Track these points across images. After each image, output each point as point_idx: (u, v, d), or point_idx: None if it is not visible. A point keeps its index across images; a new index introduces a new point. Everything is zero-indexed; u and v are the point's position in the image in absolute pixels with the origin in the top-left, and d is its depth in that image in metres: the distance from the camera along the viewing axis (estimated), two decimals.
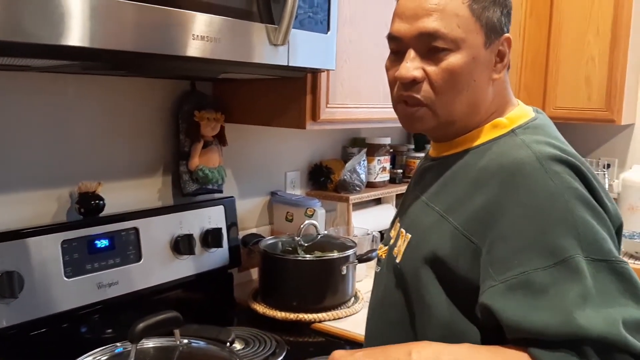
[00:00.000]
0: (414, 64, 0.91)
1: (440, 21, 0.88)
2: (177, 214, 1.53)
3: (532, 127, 0.93)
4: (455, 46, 0.89)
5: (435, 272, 0.89)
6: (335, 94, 1.54)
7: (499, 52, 0.94)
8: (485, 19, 0.90)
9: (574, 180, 0.83)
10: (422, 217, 0.96)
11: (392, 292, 0.99)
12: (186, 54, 1.05)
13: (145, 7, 0.97)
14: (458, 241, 0.87)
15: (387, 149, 2.16)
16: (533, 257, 0.78)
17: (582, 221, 0.79)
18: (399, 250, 0.98)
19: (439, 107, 0.92)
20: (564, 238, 0.78)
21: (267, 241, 1.69)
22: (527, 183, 0.82)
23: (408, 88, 0.92)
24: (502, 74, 0.95)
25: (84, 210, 1.36)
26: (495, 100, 0.96)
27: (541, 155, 0.85)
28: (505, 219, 0.82)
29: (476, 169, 0.90)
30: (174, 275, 1.51)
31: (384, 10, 1.65)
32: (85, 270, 1.33)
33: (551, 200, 0.80)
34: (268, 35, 1.20)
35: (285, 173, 1.98)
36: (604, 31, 2.40)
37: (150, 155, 1.57)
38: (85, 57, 1.02)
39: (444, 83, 0.90)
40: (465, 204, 0.88)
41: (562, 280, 0.76)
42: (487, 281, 0.81)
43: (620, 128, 2.74)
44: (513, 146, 0.89)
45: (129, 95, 1.50)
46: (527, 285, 0.77)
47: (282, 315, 1.54)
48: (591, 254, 0.78)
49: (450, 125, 0.95)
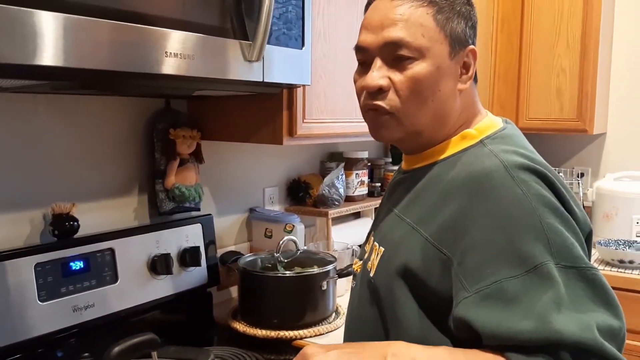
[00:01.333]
0: (380, 72, 0.92)
1: (405, 30, 0.90)
2: (153, 233, 1.51)
3: (500, 137, 0.95)
4: (420, 55, 0.90)
5: (408, 285, 0.89)
6: (311, 109, 1.54)
7: (464, 63, 0.95)
8: (450, 30, 0.92)
9: (541, 187, 0.84)
10: (394, 229, 0.97)
11: (366, 307, 0.99)
12: (160, 72, 1.04)
13: (117, 25, 0.97)
14: (428, 252, 0.87)
15: (365, 163, 2.16)
16: (504, 266, 0.79)
17: (550, 228, 0.80)
18: (372, 264, 0.98)
19: (404, 116, 0.93)
20: (533, 245, 0.79)
21: (246, 258, 1.68)
22: (495, 191, 0.83)
23: (374, 97, 0.93)
24: (467, 84, 0.96)
25: (57, 232, 1.33)
26: (463, 112, 0.97)
27: (509, 163, 0.86)
28: (475, 228, 0.82)
29: (445, 180, 0.91)
30: (151, 295, 1.48)
31: (355, 25, 1.67)
32: (60, 293, 1.30)
33: (520, 208, 0.81)
34: (242, 51, 1.20)
35: (264, 189, 1.97)
36: (573, 43, 2.45)
37: (126, 174, 1.55)
38: (56, 77, 1.01)
39: (409, 92, 0.91)
40: (435, 215, 0.89)
41: (535, 287, 0.77)
42: (461, 292, 0.81)
43: (592, 137, 2.79)
44: (481, 156, 0.90)
45: (102, 114, 1.48)
46: (500, 294, 0.77)
47: (262, 333, 1.52)
48: (561, 260, 0.78)
49: (417, 135, 0.96)
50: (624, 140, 2.75)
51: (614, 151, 2.78)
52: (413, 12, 0.90)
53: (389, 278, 0.92)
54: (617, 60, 2.72)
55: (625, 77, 2.71)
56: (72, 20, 0.91)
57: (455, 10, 0.93)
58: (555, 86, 2.51)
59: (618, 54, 2.72)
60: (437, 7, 0.91)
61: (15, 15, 0.84)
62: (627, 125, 2.73)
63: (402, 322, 0.89)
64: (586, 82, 2.44)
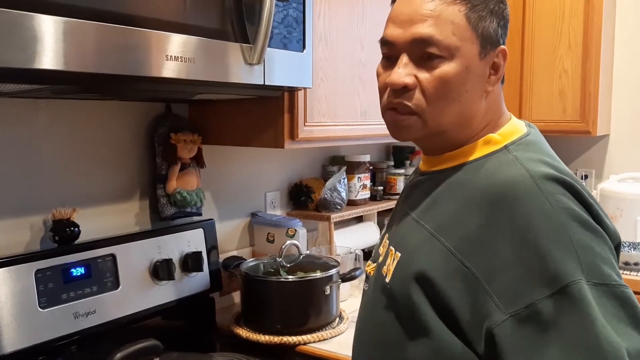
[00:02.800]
0: (406, 70, 0.88)
1: (435, 27, 0.86)
2: (155, 238, 1.50)
3: (525, 143, 0.91)
4: (449, 54, 0.87)
5: (424, 292, 0.86)
6: (312, 112, 1.53)
7: (494, 64, 0.92)
8: (482, 29, 0.88)
9: (569, 200, 0.80)
10: (411, 235, 0.93)
11: (380, 312, 0.95)
12: (161, 75, 1.04)
13: (118, 29, 0.96)
14: (450, 263, 0.83)
15: (367, 166, 2.15)
16: (536, 285, 0.76)
17: (580, 244, 0.77)
18: (387, 269, 0.95)
19: (429, 117, 0.89)
20: (564, 262, 0.76)
21: (249, 263, 1.66)
22: (522, 204, 0.80)
23: (399, 95, 0.89)
24: (495, 86, 0.93)
25: (58, 238, 1.32)
26: (488, 113, 0.94)
27: (535, 174, 0.82)
28: (503, 245, 0.79)
29: (468, 186, 0.87)
30: (153, 302, 1.47)
31: (356, 29, 1.67)
32: (61, 300, 1.28)
33: (548, 223, 0.78)
34: (243, 54, 1.19)
35: (265, 194, 1.96)
36: (575, 45, 2.44)
37: (127, 179, 1.54)
38: (57, 81, 1.01)
39: (436, 92, 0.88)
40: (458, 224, 0.85)
41: (568, 308, 0.74)
42: (495, 314, 0.77)
43: (595, 139, 2.78)
44: (505, 163, 0.87)
45: (103, 119, 1.47)
46: (535, 318, 0.75)
47: (266, 338, 1.51)
48: (592, 277, 0.75)
49: (439, 135, 0.92)
50: (628, 141, 2.73)
51: (618, 153, 2.76)
52: (445, 8, 0.87)
53: (406, 285, 0.88)
54: (619, 61, 2.71)
55: (628, 77, 2.70)
56: (72, 23, 0.90)
57: (489, 8, 0.89)
58: (558, 88, 2.50)
59: (620, 55, 2.71)
60: (470, 5, 0.87)
61: (15, 19, 0.84)
62: (630, 126, 2.72)
63: (428, 330, 0.85)
64: (589, 83, 2.43)
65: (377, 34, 1.80)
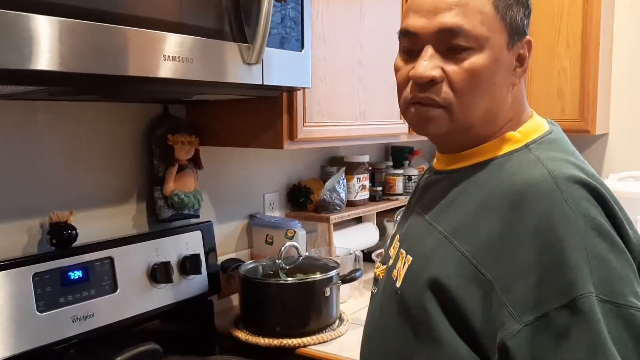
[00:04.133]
0: (432, 62, 0.83)
1: (463, 17, 0.81)
2: (153, 241, 1.49)
3: (547, 141, 0.87)
4: (478, 45, 0.82)
5: (437, 300, 0.82)
6: (312, 112, 1.52)
7: (519, 55, 0.88)
8: (509, 18, 0.84)
9: (592, 206, 0.76)
10: (424, 238, 0.89)
11: (391, 318, 0.91)
12: (158, 75, 1.03)
13: (115, 29, 0.96)
14: (465, 269, 0.79)
15: (366, 167, 2.14)
16: (550, 295, 0.73)
17: (595, 255, 0.73)
18: (398, 273, 0.91)
19: (458, 111, 0.84)
20: (577, 271, 0.72)
21: (247, 266, 1.65)
22: (542, 207, 0.76)
23: (424, 89, 0.84)
24: (521, 79, 0.89)
25: (55, 241, 1.31)
26: (511, 108, 0.89)
27: (558, 175, 0.78)
28: (521, 250, 0.75)
29: (486, 187, 0.84)
30: (151, 305, 1.46)
31: (355, 29, 1.67)
32: (59, 303, 1.27)
33: (567, 227, 0.74)
34: (241, 54, 1.18)
35: (264, 195, 1.95)
36: (574, 43, 2.43)
37: (124, 181, 1.52)
38: (53, 82, 1.00)
39: (465, 85, 0.83)
40: (474, 228, 0.81)
41: (577, 323, 0.71)
42: (509, 323, 0.74)
43: (594, 138, 2.77)
44: (527, 163, 0.83)
45: (100, 121, 1.46)
46: (549, 329, 0.72)
47: (265, 341, 1.49)
48: (600, 292, 0.71)
49: (465, 131, 0.88)
50: (627, 140, 2.73)
51: (617, 151, 2.76)
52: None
53: (418, 291, 0.84)
54: (618, 60, 2.71)
55: (627, 76, 2.70)
56: (69, 24, 0.89)
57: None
58: (557, 86, 2.49)
59: (619, 53, 2.70)
60: None
61: (11, 20, 0.83)
62: (630, 125, 2.72)
63: (441, 340, 0.81)
64: (587, 82, 2.42)
65: (376, 34, 1.80)
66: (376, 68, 1.75)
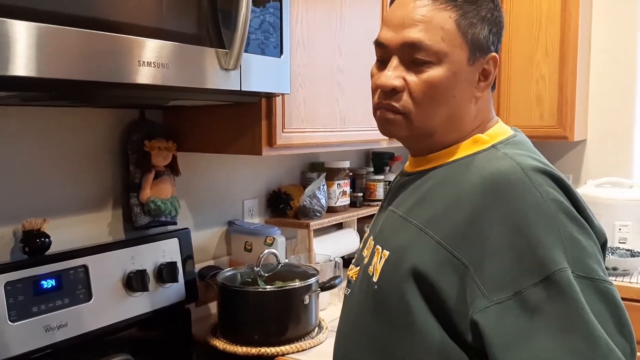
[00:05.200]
0: (396, 72, 0.91)
1: (425, 33, 0.88)
2: (128, 248, 1.46)
3: (513, 142, 0.93)
4: (437, 59, 0.89)
5: (420, 290, 0.86)
6: (291, 118, 1.51)
7: (484, 70, 0.93)
8: (471, 35, 0.90)
9: (558, 193, 0.82)
10: (399, 232, 0.93)
11: (366, 314, 0.94)
12: (133, 81, 1.02)
13: (90, 34, 0.94)
14: (440, 256, 0.84)
15: (347, 173, 2.14)
16: (524, 273, 0.77)
17: (568, 236, 0.78)
18: (374, 268, 0.94)
19: (415, 119, 0.92)
20: (552, 251, 0.77)
21: (225, 273, 1.63)
22: (514, 194, 0.81)
23: (388, 96, 0.92)
24: (485, 92, 0.95)
25: (28, 249, 1.29)
26: (477, 118, 0.95)
27: (525, 166, 0.84)
28: (493, 233, 0.80)
29: (458, 182, 0.88)
30: (127, 313, 1.44)
31: (334, 35, 1.66)
32: (32, 312, 1.25)
33: (539, 212, 0.79)
34: (219, 59, 1.17)
35: (243, 201, 1.93)
36: (552, 51, 2.46)
37: (99, 188, 1.50)
38: (28, 88, 0.98)
39: (423, 95, 0.90)
40: (447, 218, 0.86)
41: (555, 296, 0.75)
42: (480, 300, 0.78)
43: (573, 144, 2.80)
44: (495, 158, 0.88)
45: (75, 126, 1.43)
46: (521, 305, 0.76)
47: (243, 350, 1.47)
48: (576, 270, 0.76)
49: (426, 137, 0.95)
50: (604, 146, 2.76)
51: (595, 157, 2.79)
52: (436, 14, 0.89)
53: (398, 283, 0.88)
54: (595, 67, 2.74)
55: (605, 83, 2.73)
56: (43, 29, 0.88)
57: (481, 15, 0.91)
58: (535, 93, 2.51)
59: (596, 61, 2.73)
60: (461, 12, 0.89)
61: None
62: (607, 131, 2.75)
63: (420, 331, 0.85)
64: (565, 89, 2.45)
65: (356, 41, 1.80)
66: (356, 74, 1.74)
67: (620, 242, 2.38)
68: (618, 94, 2.71)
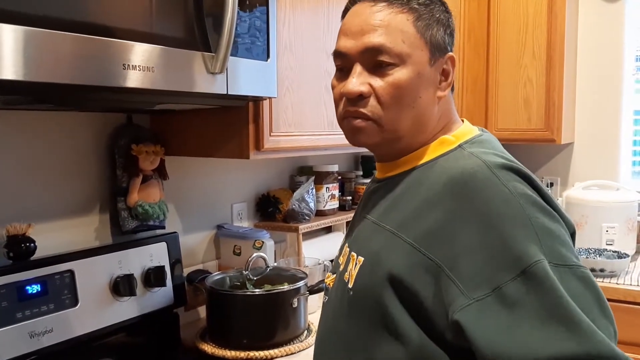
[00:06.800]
0: (361, 79, 0.91)
1: (386, 36, 0.89)
2: (116, 253, 1.45)
3: (479, 141, 0.94)
4: (401, 61, 0.90)
5: (396, 294, 0.86)
6: (278, 122, 1.51)
7: (444, 70, 0.95)
8: (430, 36, 0.92)
9: (525, 187, 0.83)
10: (373, 237, 0.94)
11: (342, 320, 0.95)
12: (119, 85, 1.01)
13: (76, 38, 0.94)
14: (413, 258, 0.84)
15: (335, 176, 2.14)
16: (500, 269, 0.77)
17: (540, 227, 0.79)
18: (350, 274, 0.95)
19: (386, 122, 0.92)
20: (526, 244, 0.77)
21: (214, 277, 1.63)
22: (482, 191, 0.82)
23: (354, 103, 0.92)
24: (446, 92, 0.96)
25: (13, 255, 1.27)
26: (441, 119, 0.97)
27: (491, 163, 0.85)
28: (465, 231, 0.80)
29: (426, 184, 0.89)
30: (114, 318, 1.43)
31: (321, 39, 1.66)
32: (16, 319, 1.23)
33: (508, 207, 0.80)
34: (205, 63, 1.17)
35: (232, 205, 1.92)
36: (539, 54, 2.48)
37: (86, 192, 1.49)
38: (13, 91, 0.98)
39: (390, 98, 0.90)
40: (418, 220, 0.86)
41: (533, 287, 0.75)
42: (459, 299, 0.78)
43: (560, 147, 2.82)
44: (461, 157, 0.89)
45: (61, 130, 1.42)
46: (501, 301, 0.76)
47: (232, 354, 1.47)
48: (553, 259, 0.77)
49: (395, 141, 0.95)
50: (591, 149, 2.78)
51: (582, 160, 2.81)
52: (393, 18, 0.90)
53: (374, 288, 0.88)
54: (582, 70, 2.76)
55: (591, 86, 2.75)
56: (29, 32, 0.88)
57: (435, 17, 0.93)
58: (523, 97, 2.53)
59: (583, 64, 2.76)
60: (417, 14, 0.91)
61: None
62: (594, 134, 2.77)
63: (399, 334, 0.85)
64: (553, 92, 2.47)
65: None
66: None
67: (607, 243, 2.39)
68: (605, 97, 2.73)
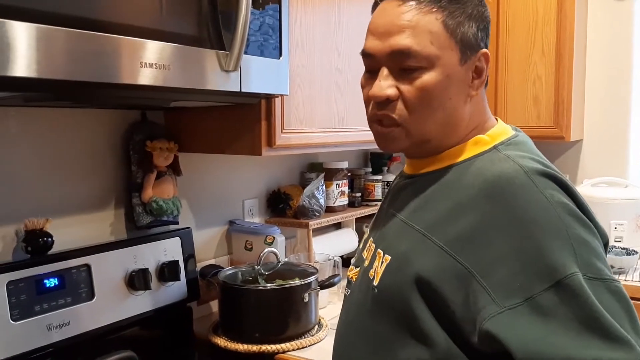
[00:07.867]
0: (388, 82, 0.88)
1: (413, 38, 0.86)
2: (131, 248, 1.48)
3: (514, 143, 0.91)
4: (429, 63, 0.86)
5: (423, 295, 0.84)
6: (290, 119, 1.53)
7: (476, 68, 0.91)
8: (460, 35, 0.87)
9: (562, 195, 0.81)
10: (401, 237, 0.91)
11: (365, 316, 0.93)
12: (135, 82, 1.03)
13: (91, 36, 0.95)
14: (443, 262, 0.82)
15: (345, 173, 2.15)
16: (534, 279, 0.75)
17: (576, 238, 0.77)
18: (375, 272, 0.93)
19: (413, 127, 0.89)
20: (561, 255, 0.75)
21: (227, 272, 1.65)
22: (519, 198, 0.80)
23: (382, 107, 0.89)
24: (479, 90, 0.93)
25: (31, 249, 1.30)
26: (473, 117, 0.93)
27: (528, 169, 0.82)
28: (499, 238, 0.78)
29: (460, 185, 0.87)
30: (129, 312, 1.45)
31: (332, 36, 1.68)
32: (34, 312, 1.26)
33: (546, 216, 0.78)
34: (219, 61, 1.18)
35: (243, 201, 1.94)
36: (548, 51, 2.48)
37: (101, 188, 1.51)
38: (29, 88, 0.99)
39: (418, 102, 0.87)
40: (450, 222, 0.84)
41: (568, 299, 0.73)
42: (490, 306, 0.76)
43: (569, 144, 2.82)
44: (497, 160, 0.86)
45: (76, 126, 1.45)
46: (535, 311, 0.74)
47: (244, 347, 1.49)
48: (587, 272, 0.75)
49: (424, 144, 0.92)
50: (600, 146, 2.78)
51: (591, 157, 2.81)
52: (421, 18, 0.86)
53: (401, 289, 0.86)
54: (591, 68, 2.76)
55: (600, 83, 2.75)
56: (45, 30, 0.89)
57: (467, 13, 0.88)
58: (532, 94, 2.53)
59: (592, 61, 2.75)
60: (447, 12, 0.87)
61: None
62: (603, 131, 2.77)
63: (425, 336, 0.84)
64: (562, 89, 2.47)
65: (354, 42, 1.82)
66: (354, 75, 1.76)
67: (616, 240, 2.40)
68: (614, 94, 2.73)
